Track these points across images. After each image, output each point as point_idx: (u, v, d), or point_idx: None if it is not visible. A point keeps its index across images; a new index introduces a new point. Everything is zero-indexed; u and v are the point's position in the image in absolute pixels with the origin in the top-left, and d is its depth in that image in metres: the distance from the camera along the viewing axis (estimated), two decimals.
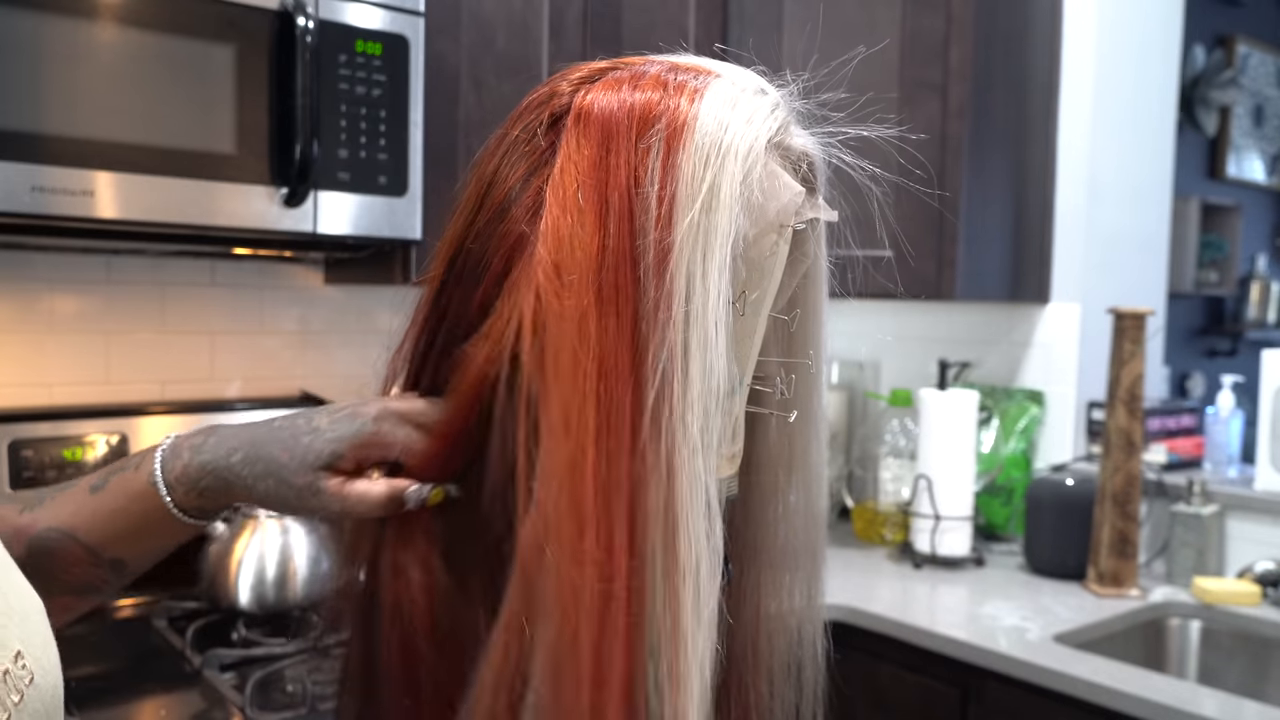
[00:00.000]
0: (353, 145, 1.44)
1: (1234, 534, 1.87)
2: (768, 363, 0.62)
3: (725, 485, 0.59)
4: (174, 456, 0.63)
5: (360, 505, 0.59)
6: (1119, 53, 2.10)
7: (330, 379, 1.87)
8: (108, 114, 1.24)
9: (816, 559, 0.66)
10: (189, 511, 0.62)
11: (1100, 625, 1.64)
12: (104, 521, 0.63)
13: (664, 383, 0.51)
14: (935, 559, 1.91)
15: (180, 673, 1.33)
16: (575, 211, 0.53)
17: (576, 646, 0.50)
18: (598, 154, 0.54)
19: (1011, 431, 2.09)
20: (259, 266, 1.80)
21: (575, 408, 0.52)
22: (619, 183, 0.53)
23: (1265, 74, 4.04)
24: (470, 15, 1.62)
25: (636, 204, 0.53)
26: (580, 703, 0.50)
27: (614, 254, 0.52)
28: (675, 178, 0.52)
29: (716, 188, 0.52)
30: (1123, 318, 1.79)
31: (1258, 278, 3.98)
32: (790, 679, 0.66)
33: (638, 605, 0.50)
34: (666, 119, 0.54)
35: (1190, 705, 1.29)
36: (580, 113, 0.55)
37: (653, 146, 0.53)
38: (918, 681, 1.60)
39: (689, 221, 0.52)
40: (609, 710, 0.50)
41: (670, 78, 0.56)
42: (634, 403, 0.51)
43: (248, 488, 0.61)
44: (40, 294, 1.59)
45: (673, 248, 0.52)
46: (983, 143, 1.91)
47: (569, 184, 0.54)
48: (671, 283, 0.51)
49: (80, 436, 1.54)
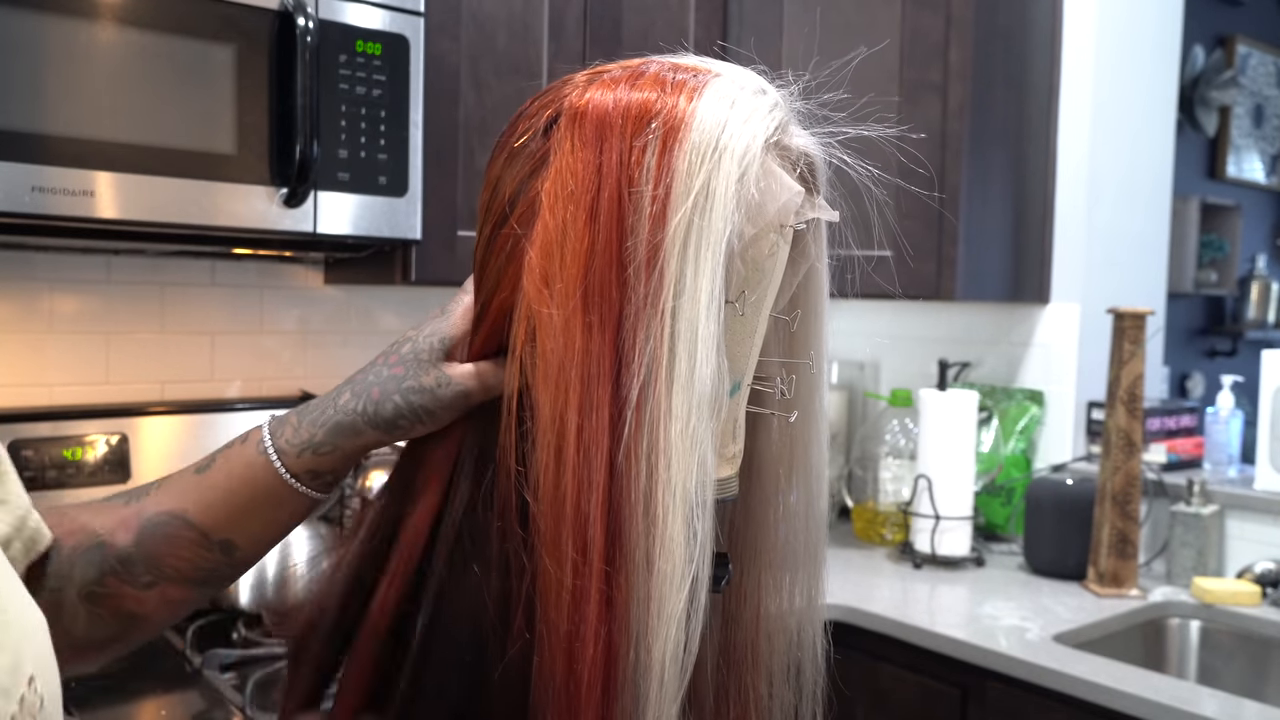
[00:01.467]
0: (353, 145, 1.44)
1: (1234, 534, 1.87)
2: (769, 363, 0.62)
3: (725, 485, 0.59)
4: (281, 423, 0.62)
5: (493, 377, 0.58)
6: (1119, 53, 2.10)
7: (330, 379, 1.87)
8: (108, 114, 1.24)
9: (817, 560, 0.66)
10: (302, 478, 0.61)
11: (1100, 625, 1.64)
12: (213, 499, 0.61)
13: (648, 383, 0.51)
14: (935, 559, 1.91)
15: (180, 673, 1.33)
16: (567, 213, 0.53)
17: (554, 639, 0.52)
18: (591, 153, 0.54)
19: (1011, 431, 2.09)
20: (259, 266, 1.80)
21: (559, 410, 0.52)
22: (611, 182, 0.53)
23: (1265, 74, 4.04)
24: (470, 15, 1.62)
25: (628, 203, 0.52)
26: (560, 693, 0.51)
27: (602, 255, 0.52)
28: (670, 176, 0.52)
29: (711, 186, 0.52)
30: (1122, 318, 1.79)
31: (1258, 278, 3.98)
32: (790, 680, 0.66)
33: (619, 602, 0.51)
34: (663, 117, 0.53)
35: (1190, 705, 1.29)
36: (576, 112, 0.55)
37: (648, 145, 0.53)
38: (918, 681, 1.60)
39: (680, 219, 0.51)
40: (586, 704, 0.51)
41: (669, 76, 0.56)
42: (613, 403, 0.52)
43: (370, 418, 0.59)
44: (40, 294, 1.59)
45: (663, 246, 0.52)
46: (983, 143, 1.91)
47: (564, 185, 0.54)
48: (660, 281, 0.51)
49: (80, 436, 1.54)
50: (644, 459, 0.51)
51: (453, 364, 0.59)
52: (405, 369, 0.60)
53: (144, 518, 0.61)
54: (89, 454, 1.54)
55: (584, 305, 0.52)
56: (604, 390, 0.52)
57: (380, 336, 1.92)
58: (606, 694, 0.51)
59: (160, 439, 1.62)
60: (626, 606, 0.51)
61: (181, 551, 0.61)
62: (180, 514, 0.61)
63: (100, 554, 0.60)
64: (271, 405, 1.75)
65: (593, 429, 0.51)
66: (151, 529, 0.61)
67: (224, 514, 0.61)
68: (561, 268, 0.53)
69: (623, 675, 0.51)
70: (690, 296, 0.51)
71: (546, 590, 0.52)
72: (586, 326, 0.52)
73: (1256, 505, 1.85)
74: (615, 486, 0.51)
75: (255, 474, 0.61)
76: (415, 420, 0.59)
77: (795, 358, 0.64)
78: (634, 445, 0.51)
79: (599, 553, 0.51)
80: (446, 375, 0.59)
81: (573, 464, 0.52)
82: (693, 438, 0.51)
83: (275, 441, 0.61)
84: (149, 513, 0.61)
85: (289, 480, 0.60)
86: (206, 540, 0.61)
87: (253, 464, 0.61)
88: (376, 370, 0.61)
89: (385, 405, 0.59)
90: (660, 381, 0.51)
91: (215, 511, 0.61)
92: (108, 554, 0.61)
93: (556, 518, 0.52)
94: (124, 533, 0.61)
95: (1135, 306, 1.80)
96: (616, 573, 0.51)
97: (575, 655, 0.51)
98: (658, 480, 0.51)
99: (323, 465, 0.61)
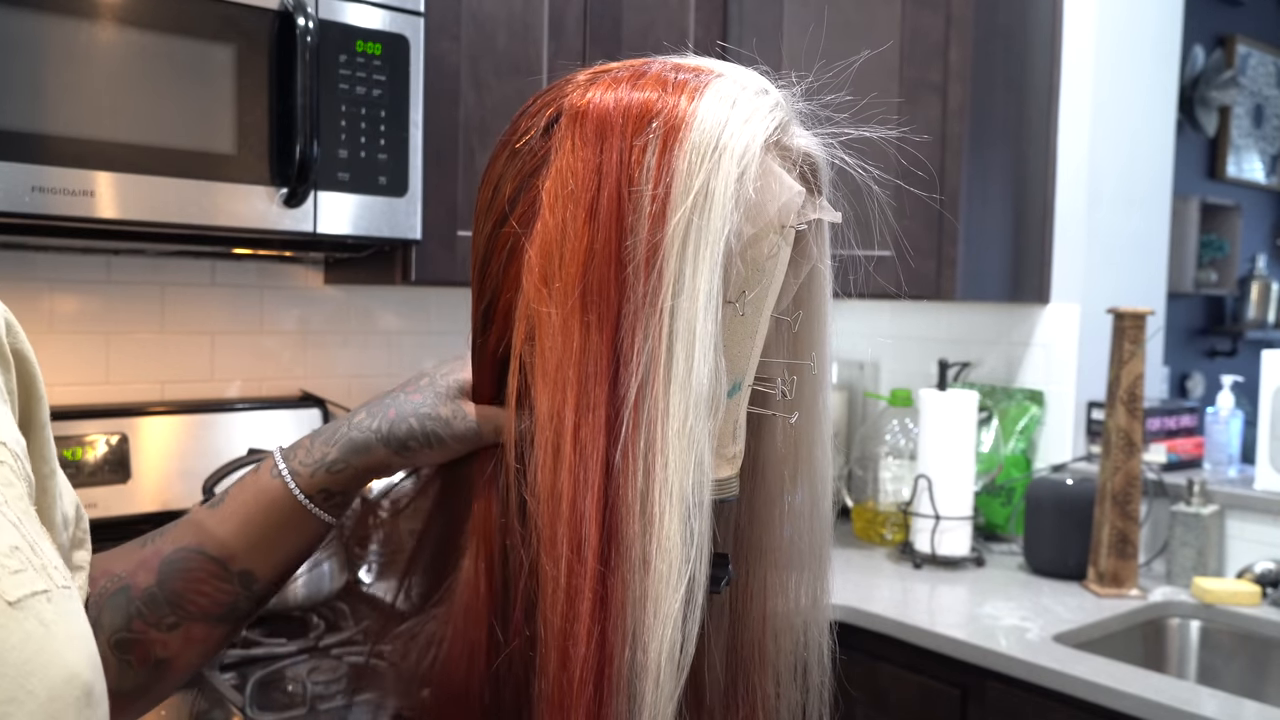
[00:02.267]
0: (353, 145, 1.44)
1: (1234, 534, 1.87)
2: (771, 364, 0.62)
3: (725, 486, 0.59)
4: (294, 448, 0.63)
5: (502, 419, 0.59)
6: (1119, 53, 2.10)
7: (330, 379, 1.87)
8: (108, 114, 1.24)
9: (822, 559, 0.66)
10: (316, 499, 0.62)
11: (1100, 625, 1.64)
12: (230, 530, 0.62)
13: (646, 382, 0.51)
14: (935, 559, 1.91)
15: None
16: (567, 212, 0.53)
17: (550, 636, 0.52)
18: (592, 153, 0.54)
19: (1011, 431, 2.09)
20: (259, 266, 1.80)
21: (556, 408, 0.52)
22: (611, 182, 0.53)
23: (1265, 74, 4.04)
24: (470, 15, 1.62)
25: (628, 203, 0.52)
26: (554, 690, 0.52)
27: (602, 254, 0.52)
28: (670, 175, 0.52)
29: (710, 186, 0.52)
30: (1122, 318, 1.79)
31: (1258, 278, 3.98)
32: (796, 679, 0.66)
33: (614, 601, 0.51)
34: (664, 117, 0.53)
35: (1190, 705, 1.29)
36: (577, 112, 0.55)
37: (649, 144, 0.53)
38: (918, 681, 1.60)
39: (679, 219, 0.51)
40: (579, 702, 0.51)
41: (671, 76, 0.56)
42: (611, 402, 0.52)
43: (384, 437, 0.61)
44: (40, 294, 1.59)
45: (662, 245, 0.52)
46: (983, 143, 1.91)
47: (564, 184, 0.54)
48: (659, 280, 0.51)
49: (80, 436, 1.53)
50: (641, 458, 0.51)
51: (469, 403, 0.61)
52: (424, 397, 0.62)
53: (163, 556, 0.62)
54: (89, 454, 1.54)
55: (583, 304, 0.52)
56: (601, 389, 0.52)
57: (380, 336, 1.92)
58: (600, 692, 0.51)
59: (160, 439, 1.62)
60: (623, 606, 0.51)
61: (203, 587, 0.61)
62: (198, 549, 0.62)
63: (125, 597, 0.61)
64: (271, 405, 1.75)
65: (590, 428, 0.52)
66: (171, 566, 0.61)
67: (242, 543, 0.62)
68: (561, 267, 0.53)
69: (618, 674, 0.51)
70: (689, 296, 0.51)
71: (544, 587, 0.52)
72: (585, 325, 0.52)
73: (1256, 505, 1.85)
74: (612, 485, 0.51)
75: (270, 499, 0.62)
76: (425, 444, 0.61)
77: (798, 358, 0.63)
78: (631, 444, 0.51)
79: (594, 551, 0.51)
80: (463, 410, 0.61)
81: (569, 463, 0.52)
82: (690, 437, 0.51)
83: (289, 464, 0.62)
84: (167, 551, 0.62)
85: (303, 501, 0.62)
86: (226, 572, 0.62)
87: (267, 489, 0.62)
88: (394, 396, 0.63)
89: (400, 425, 0.61)
90: (658, 381, 0.51)
91: (233, 542, 0.62)
92: (132, 597, 0.61)
93: (553, 516, 0.52)
94: (145, 574, 0.61)
95: (1135, 306, 1.80)
96: (612, 572, 0.51)
97: (569, 653, 0.51)
98: (654, 480, 0.51)
99: (335, 484, 0.62)
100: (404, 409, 0.62)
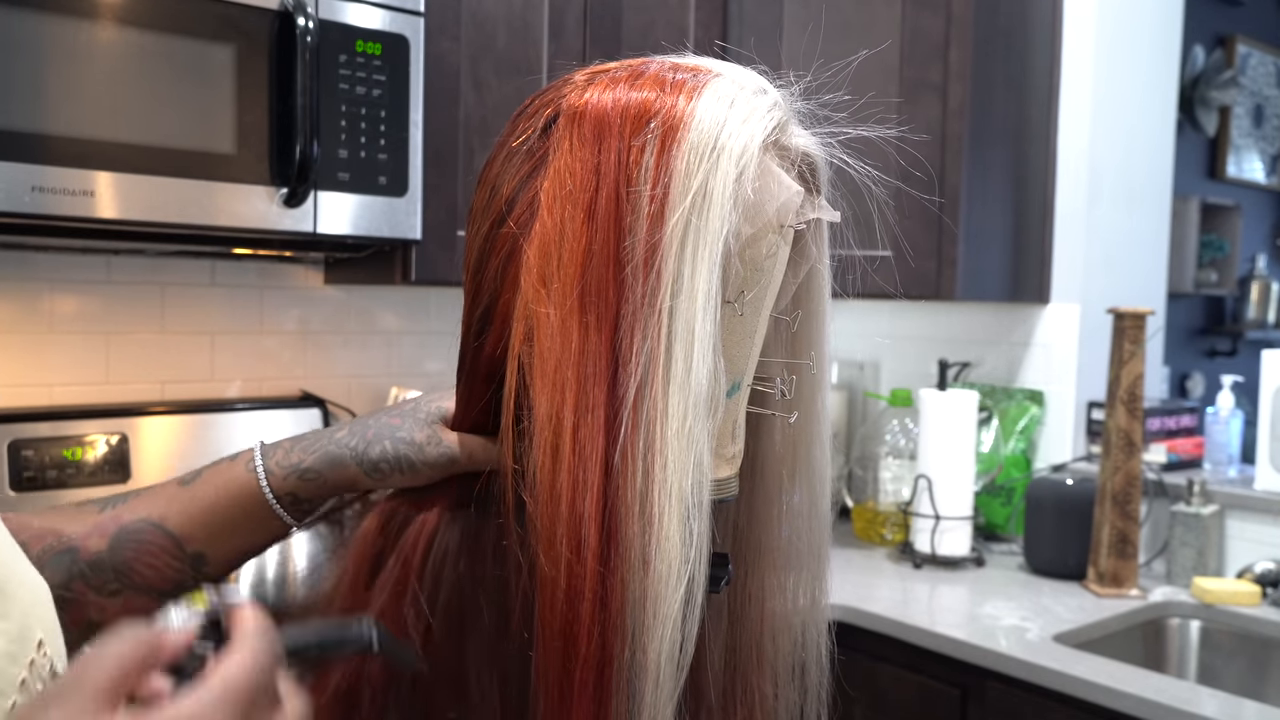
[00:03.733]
0: (352, 145, 1.44)
1: (1234, 534, 1.87)
2: (770, 364, 0.62)
3: (724, 486, 0.59)
4: (274, 447, 0.63)
5: (481, 452, 0.61)
6: (1119, 53, 2.10)
7: (330, 379, 1.87)
8: (108, 114, 1.24)
9: (821, 559, 0.66)
10: (283, 501, 0.62)
11: (1100, 625, 1.64)
12: (195, 510, 0.62)
13: (645, 382, 0.51)
14: (935, 559, 1.91)
15: None
16: (565, 213, 0.53)
17: (549, 637, 0.52)
18: (590, 153, 0.54)
19: (1011, 431, 2.09)
20: (259, 266, 1.80)
21: (555, 409, 0.52)
22: (610, 182, 0.53)
23: (1265, 74, 4.04)
24: (470, 15, 1.62)
25: (626, 203, 0.52)
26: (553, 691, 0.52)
27: (600, 255, 0.52)
28: (668, 176, 0.52)
29: (708, 186, 0.52)
30: (1122, 318, 1.79)
31: (1258, 278, 3.97)
32: (795, 679, 0.66)
33: (614, 602, 0.51)
34: (662, 117, 0.53)
35: (1190, 705, 1.29)
36: (575, 112, 0.55)
37: (647, 144, 0.53)
38: (918, 681, 1.60)
39: (677, 219, 0.51)
40: (579, 702, 0.51)
41: (669, 76, 0.56)
42: (610, 403, 0.52)
43: (357, 455, 0.61)
44: (40, 294, 1.59)
45: (660, 245, 0.52)
46: (983, 143, 1.91)
47: (562, 185, 0.54)
48: (657, 280, 0.51)
49: (80, 436, 1.54)
50: (640, 459, 0.51)
51: (447, 430, 0.62)
52: (403, 421, 0.62)
53: (121, 524, 0.62)
54: (89, 454, 1.54)
55: (581, 305, 0.52)
56: (600, 390, 0.52)
57: (380, 336, 1.92)
58: (600, 692, 0.51)
59: (160, 439, 1.62)
60: (622, 606, 0.51)
61: (153, 560, 0.62)
62: (159, 522, 0.62)
63: (70, 558, 0.61)
64: (271, 405, 1.75)
65: (589, 428, 0.52)
66: (126, 535, 0.62)
67: (202, 526, 0.62)
68: (559, 267, 0.53)
69: (618, 674, 0.51)
70: (687, 296, 0.51)
71: (543, 588, 0.52)
72: (583, 326, 0.52)
73: (1256, 505, 1.85)
74: (611, 486, 0.51)
75: (240, 491, 0.62)
76: (395, 469, 0.61)
77: (797, 358, 0.63)
78: (630, 445, 0.51)
79: (593, 552, 0.51)
80: (439, 436, 0.61)
81: (569, 463, 0.52)
82: (689, 437, 0.51)
83: (265, 462, 0.62)
84: (126, 519, 0.62)
85: (271, 501, 0.62)
86: (180, 550, 0.62)
87: (239, 481, 0.62)
88: (377, 417, 0.64)
89: (374, 447, 0.62)
90: (657, 381, 0.51)
91: (195, 523, 0.62)
92: (78, 559, 0.61)
93: (552, 517, 0.52)
94: (98, 538, 0.61)
95: (1135, 306, 1.80)
96: (612, 573, 0.51)
97: (568, 653, 0.51)
98: (653, 480, 0.51)
99: (305, 491, 0.62)
100: (382, 431, 0.62)
